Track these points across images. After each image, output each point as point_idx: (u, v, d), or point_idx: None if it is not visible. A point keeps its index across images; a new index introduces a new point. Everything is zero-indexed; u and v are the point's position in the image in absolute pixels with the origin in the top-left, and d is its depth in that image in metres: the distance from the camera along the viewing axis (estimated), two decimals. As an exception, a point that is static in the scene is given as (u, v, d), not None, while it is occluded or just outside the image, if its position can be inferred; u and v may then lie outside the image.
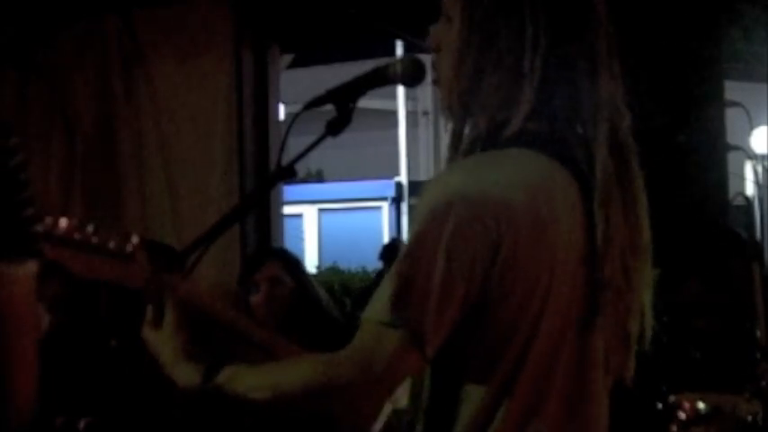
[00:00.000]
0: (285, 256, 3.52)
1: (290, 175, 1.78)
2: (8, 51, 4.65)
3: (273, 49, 4.82)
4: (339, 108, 1.74)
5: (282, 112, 5.19)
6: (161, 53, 4.66)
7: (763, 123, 8.10)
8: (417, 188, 15.48)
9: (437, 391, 1.59)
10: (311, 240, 15.98)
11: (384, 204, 16.17)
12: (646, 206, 1.66)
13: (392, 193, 15.96)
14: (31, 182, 1.52)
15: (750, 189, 3.96)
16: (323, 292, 3.53)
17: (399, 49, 9.16)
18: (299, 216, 15.63)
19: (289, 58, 8.04)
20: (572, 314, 1.57)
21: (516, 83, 1.59)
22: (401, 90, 15.65)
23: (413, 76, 1.75)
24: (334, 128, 1.73)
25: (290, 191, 7.72)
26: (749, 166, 3.81)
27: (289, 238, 4.83)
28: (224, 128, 4.56)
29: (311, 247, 15.83)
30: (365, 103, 1.77)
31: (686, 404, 3.17)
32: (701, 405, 3.16)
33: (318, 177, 17.82)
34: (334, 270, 11.72)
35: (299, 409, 1.58)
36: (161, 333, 1.73)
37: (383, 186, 16.12)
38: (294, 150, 1.78)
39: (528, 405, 1.55)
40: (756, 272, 3.34)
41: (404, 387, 1.62)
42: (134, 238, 1.77)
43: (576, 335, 1.58)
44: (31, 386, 1.53)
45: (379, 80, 1.75)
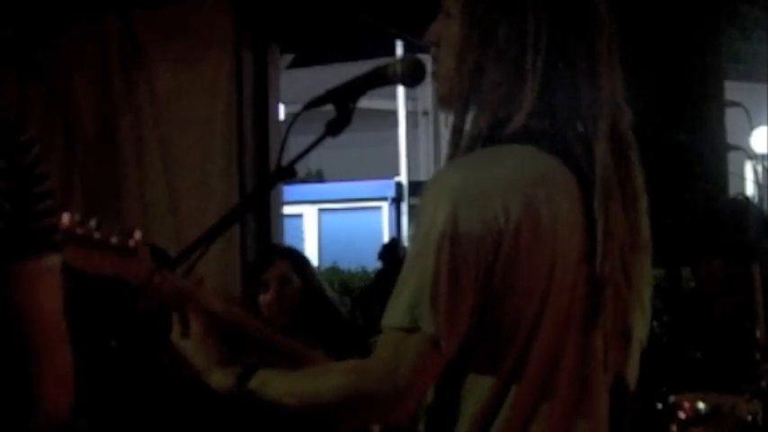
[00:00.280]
0: (293, 254, 3.51)
1: (290, 175, 1.78)
2: (8, 51, 4.64)
3: (273, 49, 4.82)
4: (339, 108, 1.74)
5: (282, 112, 5.19)
6: (161, 53, 4.66)
7: (763, 123, 8.09)
8: (417, 188, 15.49)
9: (440, 387, 1.59)
10: (311, 240, 15.99)
11: (384, 204, 16.18)
12: (646, 204, 1.66)
13: (392, 193, 15.98)
14: (49, 175, 1.49)
15: (750, 189, 3.96)
16: (331, 291, 3.53)
17: (399, 49, 9.17)
18: (299, 216, 15.64)
19: (289, 58, 8.03)
20: (573, 311, 1.57)
21: (517, 80, 1.59)
22: (401, 90, 15.68)
23: (413, 76, 1.75)
24: (334, 128, 1.73)
25: (290, 191, 7.71)
26: (749, 166, 3.81)
27: (289, 238, 4.83)
28: (224, 128, 4.55)
29: (311, 247, 15.84)
30: (365, 103, 1.77)
31: (686, 404, 3.16)
32: (701, 405, 3.15)
33: (318, 177, 17.83)
34: (334, 270, 11.74)
35: (330, 417, 1.60)
36: (191, 341, 1.74)
37: (383, 186, 16.14)
38: (294, 150, 1.78)
39: (531, 402, 1.56)
40: (756, 272, 3.34)
41: None
42: (136, 234, 1.77)
43: (578, 332, 1.59)
44: (65, 397, 1.45)
45: (379, 80, 1.75)
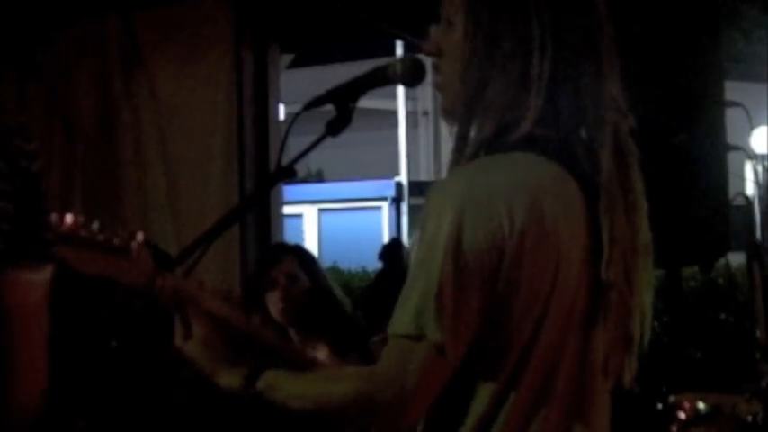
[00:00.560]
0: (301, 252, 3.52)
1: (290, 175, 1.78)
2: (8, 51, 4.64)
3: (273, 49, 4.82)
4: (339, 108, 1.74)
5: (282, 112, 5.19)
6: (161, 53, 4.66)
7: (763, 123, 8.09)
8: (417, 188, 15.49)
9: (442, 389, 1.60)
10: (311, 240, 15.98)
11: (384, 204, 16.17)
12: (646, 208, 1.66)
13: (392, 193, 15.96)
14: (49, 187, 1.52)
15: (750, 189, 3.95)
16: (338, 289, 3.54)
17: (399, 49, 9.16)
18: (299, 216, 15.63)
19: (289, 58, 8.03)
20: (575, 315, 1.58)
21: (523, 87, 1.59)
22: (401, 90, 15.66)
23: (413, 76, 1.75)
24: (334, 128, 1.73)
25: (290, 191, 7.71)
26: (749, 166, 3.80)
27: (289, 239, 4.82)
28: (224, 128, 4.55)
29: (311, 247, 15.80)
30: (365, 103, 1.77)
31: (686, 404, 3.16)
32: (701, 405, 3.15)
33: (318, 177, 17.83)
34: (334, 270, 11.72)
35: (337, 421, 1.60)
36: (194, 343, 1.74)
37: (383, 186, 16.12)
38: (294, 150, 1.78)
39: (530, 406, 1.56)
40: (756, 272, 3.34)
41: None
42: (139, 236, 1.77)
43: (579, 337, 1.59)
44: (38, 388, 1.54)
45: (379, 80, 1.75)
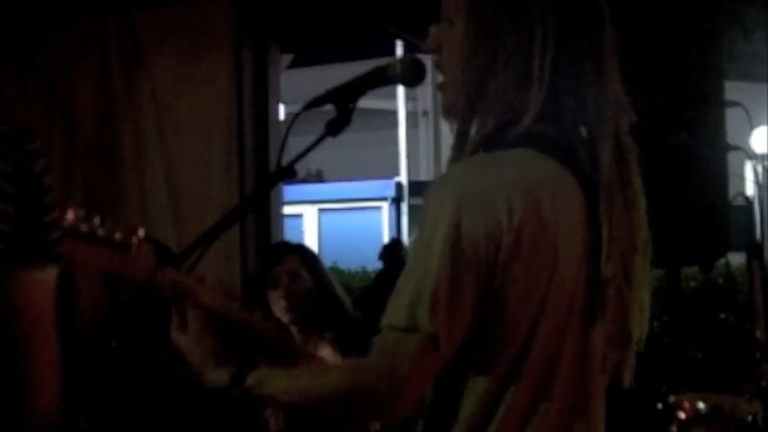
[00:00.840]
0: (303, 251, 3.52)
1: (290, 175, 1.78)
2: (8, 51, 4.64)
3: (273, 49, 4.82)
4: (339, 108, 1.74)
5: (282, 112, 5.19)
6: (161, 53, 4.66)
7: (763, 123, 8.09)
8: (417, 188, 15.49)
9: (438, 387, 1.60)
10: (311, 240, 15.97)
11: (384, 204, 16.17)
12: (644, 205, 1.66)
13: (392, 193, 15.96)
14: (52, 186, 1.53)
15: (750, 189, 3.95)
16: (340, 289, 3.54)
17: (399, 49, 9.17)
18: (299, 216, 15.63)
19: (289, 58, 8.03)
20: (573, 312, 1.58)
21: (524, 84, 1.59)
22: (401, 90, 15.66)
23: (413, 76, 1.75)
24: (334, 128, 1.73)
25: (290, 191, 7.71)
26: (749, 166, 3.80)
27: (289, 239, 4.82)
28: (224, 128, 4.55)
29: (311, 248, 15.81)
30: (365, 103, 1.77)
31: (686, 404, 3.16)
32: (701, 405, 3.15)
33: (318, 177, 17.82)
34: (335, 270, 11.72)
35: (327, 414, 1.60)
36: (188, 336, 1.75)
37: (383, 186, 16.12)
38: (294, 150, 1.78)
39: (528, 403, 1.56)
40: (756, 272, 3.34)
41: None
42: (140, 231, 1.77)
43: (577, 334, 1.59)
44: (54, 390, 1.55)
45: (379, 80, 1.75)
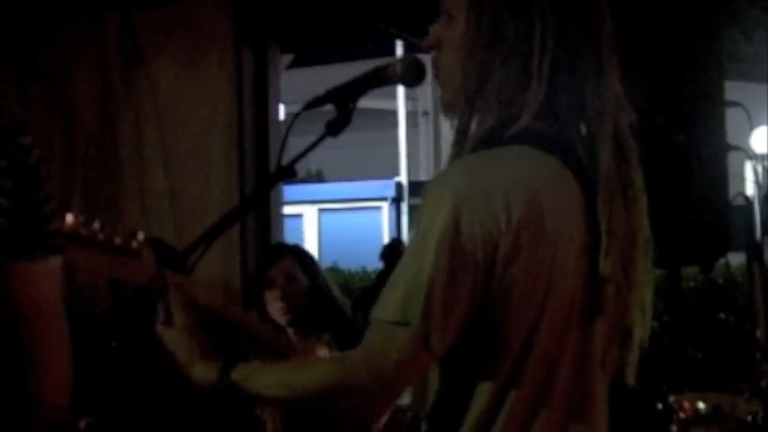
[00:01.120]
0: (300, 252, 3.52)
1: (290, 175, 1.78)
2: (8, 51, 4.64)
3: (273, 49, 4.82)
4: (339, 108, 1.74)
5: (282, 112, 5.19)
6: (161, 53, 4.66)
7: (763, 123, 8.08)
8: (417, 188, 15.47)
9: (443, 387, 1.60)
10: (311, 240, 15.97)
11: (384, 204, 16.16)
12: (646, 203, 1.66)
13: (392, 193, 15.96)
14: (49, 178, 1.53)
15: (750, 189, 3.95)
16: (336, 290, 3.54)
17: (399, 49, 9.16)
18: (299, 216, 15.62)
19: (289, 58, 8.02)
20: (574, 311, 1.57)
21: (523, 81, 1.59)
22: (401, 90, 15.64)
23: (413, 76, 1.75)
24: (334, 128, 1.73)
25: (290, 191, 7.70)
26: (749, 166, 3.80)
27: (289, 239, 4.82)
28: (224, 128, 4.55)
29: (311, 247, 15.80)
30: (365, 103, 1.77)
31: (686, 404, 3.17)
32: (701, 405, 3.15)
33: (318, 177, 17.82)
34: (335, 270, 11.71)
35: (313, 408, 1.60)
36: (174, 331, 1.73)
37: (383, 186, 16.12)
38: (294, 150, 1.78)
39: (529, 405, 1.56)
40: (756, 272, 3.34)
41: None
42: (140, 235, 1.77)
43: (577, 333, 1.59)
44: (63, 384, 1.55)
45: (379, 80, 1.76)
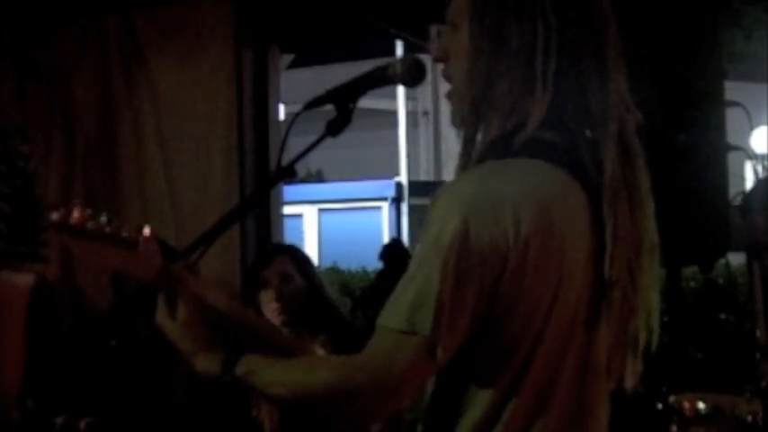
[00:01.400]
0: (295, 252, 3.52)
1: (290, 175, 1.78)
2: (8, 51, 4.65)
3: (273, 49, 4.82)
4: (339, 108, 1.74)
5: (282, 112, 5.19)
6: (161, 53, 4.66)
7: (763, 123, 8.09)
8: (417, 188, 15.50)
9: (441, 392, 1.60)
10: (311, 240, 15.99)
11: (384, 204, 16.18)
12: (652, 207, 1.66)
13: (392, 193, 15.98)
14: (39, 186, 1.56)
15: (750, 189, 3.95)
16: (332, 290, 3.54)
17: (399, 49, 9.17)
18: (299, 216, 15.64)
19: (289, 58, 8.03)
20: (579, 316, 1.57)
21: (528, 87, 1.59)
22: (401, 90, 15.68)
23: (413, 76, 1.74)
24: (334, 128, 1.73)
25: (290, 191, 7.71)
26: (749, 166, 3.80)
27: (289, 239, 4.83)
28: (224, 128, 4.56)
29: (311, 247, 15.83)
30: (365, 103, 1.77)
31: (686, 404, 3.17)
32: (701, 405, 3.16)
33: (318, 177, 17.84)
34: (334, 270, 11.73)
35: (315, 409, 1.60)
36: (177, 324, 1.73)
37: (383, 186, 16.14)
38: (294, 150, 1.78)
39: (529, 414, 1.56)
40: (756, 272, 3.34)
41: None
42: (146, 230, 1.77)
43: (583, 337, 1.58)
44: (17, 376, 1.65)
45: (379, 80, 1.75)
